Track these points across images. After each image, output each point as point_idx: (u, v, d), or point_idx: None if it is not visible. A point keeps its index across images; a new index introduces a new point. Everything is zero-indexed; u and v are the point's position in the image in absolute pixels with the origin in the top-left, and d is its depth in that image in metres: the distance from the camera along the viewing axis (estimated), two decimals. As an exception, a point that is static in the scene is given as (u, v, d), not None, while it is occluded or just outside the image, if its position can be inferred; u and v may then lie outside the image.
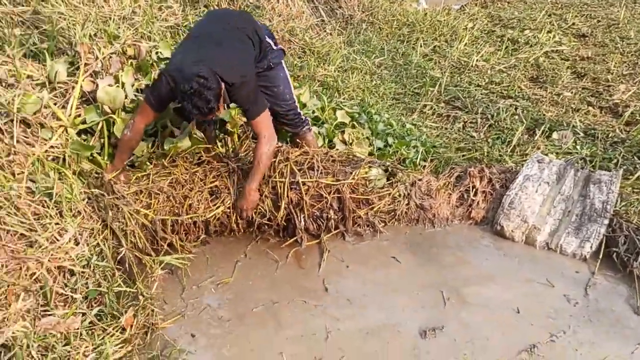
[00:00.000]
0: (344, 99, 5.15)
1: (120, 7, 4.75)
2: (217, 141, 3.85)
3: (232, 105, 3.52)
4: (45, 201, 3.08)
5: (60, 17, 4.23)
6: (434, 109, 5.18)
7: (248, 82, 3.21)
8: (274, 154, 3.50)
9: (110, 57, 3.93)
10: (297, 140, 3.89)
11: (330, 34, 6.67)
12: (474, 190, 3.73)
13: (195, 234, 3.50)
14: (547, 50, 6.34)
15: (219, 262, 3.40)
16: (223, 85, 3.06)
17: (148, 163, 3.62)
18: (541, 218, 3.47)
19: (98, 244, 3.01)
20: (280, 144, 3.67)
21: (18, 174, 3.29)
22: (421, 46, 6.60)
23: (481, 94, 5.40)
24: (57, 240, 2.91)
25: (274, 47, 3.55)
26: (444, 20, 7.53)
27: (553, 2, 8.64)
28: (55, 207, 3.09)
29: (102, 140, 3.77)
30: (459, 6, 8.99)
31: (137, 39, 4.53)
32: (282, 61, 3.66)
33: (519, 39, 6.80)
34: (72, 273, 2.79)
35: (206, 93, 2.94)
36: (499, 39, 6.97)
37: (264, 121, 3.34)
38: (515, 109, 5.06)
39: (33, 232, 2.89)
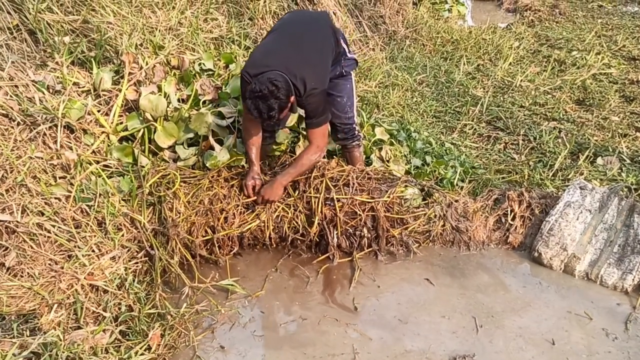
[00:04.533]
0: (383, 115, 5.11)
1: (167, 18, 4.84)
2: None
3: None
4: (86, 210, 3.13)
5: (108, 26, 4.34)
6: (475, 129, 5.10)
7: (320, 92, 3.22)
8: (313, 166, 3.50)
9: (154, 66, 4.00)
10: (345, 152, 3.87)
11: (373, 49, 6.65)
12: (512, 214, 3.63)
13: (229, 247, 3.50)
14: (594, 73, 6.17)
15: (250, 275, 3.40)
16: (293, 97, 3.10)
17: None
18: (581, 247, 3.35)
19: (137, 263, 3.04)
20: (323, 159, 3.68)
21: (60, 178, 3.37)
22: (464, 64, 6.51)
23: (524, 115, 5.28)
24: (94, 252, 2.96)
25: (348, 55, 3.56)
26: (489, 38, 7.43)
27: (603, 24, 8.44)
28: (95, 216, 3.14)
29: (142, 146, 3.84)
30: (505, 24, 8.87)
31: (182, 50, 4.61)
32: (352, 72, 3.66)
33: (566, 60, 6.65)
34: (105, 291, 2.83)
35: (272, 101, 2.98)
36: (545, 60, 6.83)
37: (322, 132, 3.35)
38: (559, 131, 4.93)
39: (72, 242, 2.95)
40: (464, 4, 9.51)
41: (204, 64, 4.45)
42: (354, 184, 3.55)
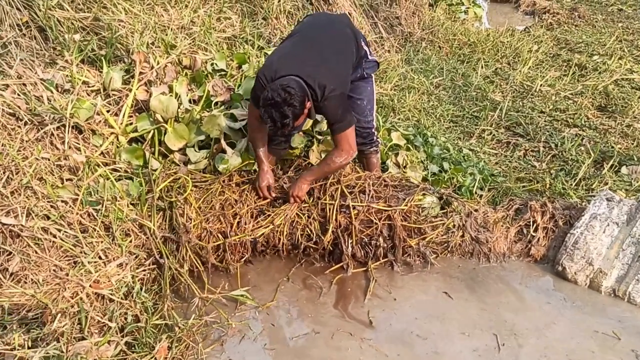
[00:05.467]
0: (399, 119, 4.98)
1: (180, 17, 4.73)
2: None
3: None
4: (93, 214, 3.03)
5: (119, 24, 4.24)
6: (494, 135, 4.95)
7: (339, 96, 3.10)
8: (340, 169, 3.40)
9: (166, 66, 3.89)
10: (361, 157, 3.74)
11: (389, 50, 6.52)
12: (535, 225, 3.49)
13: (240, 253, 3.38)
14: (617, 78, 5.99)
15: (261, 284, 3.27)
16: (310, 103, 2.98)
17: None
18: (608, 261, 3.20)
19: (145, 270, 2.93)
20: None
21: (67, 180, 3.27)
22: (482, 67, 6.36)
23: (544, 121, 5.12)
24: (101, 258, 2.85)
25: (369, 57, 3.44)
26: (507, 41, 7.27)
27: (624, 27, 8.25)
28: (103, 221, 3.03)
29: (152, 148, 3.73)
30: (523, 27, 8.70)
31: (194, 49, 4.50)
32: (373, 74, 3.54)
33: (587, 65, 6.47)
34: (111, 300, 2.71)
35: (285, 109, 2.87)
36: (565, 64, 6.65)
37: (346, 137, 3.21)
38: (582, 139, 4.77)
39: (78, 247, 2.84)
40: (480, 6, 9.34)
41: (216, 64, 4.34)
42: (370, 191, 3.42)
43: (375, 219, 3.35)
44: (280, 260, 3.47)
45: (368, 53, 3.44)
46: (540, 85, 5.80)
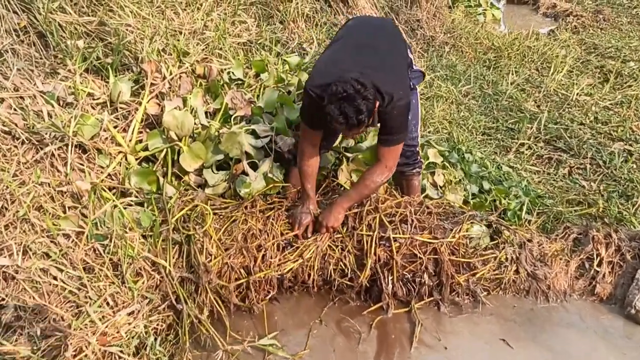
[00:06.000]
0: (428, 132, 4.57)
1: (192, 20, 4.33)
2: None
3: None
4: (99, 250, 2.62)
5: (127, 29, 3.84)
6: (533, 149, 4.54)
7: (405, 105, 2.72)
8: (377, 189, 3.02)
9: (180, 77, 3.49)
10: (401, 180, 3.34)
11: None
12: (599, 259, 3.08)
13: (265, 290, 2.98)
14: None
15: (290, 328, 2.87)
16: (378, 103, 2.57)
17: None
18: (688, 303, 2.80)
19: (159, 316, 2.52)
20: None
21: (69, 208, 2.87)
22: (511, 74, 5.95)
23: (586, 133, 4.72)
24: (108, 304, 2.44)
25: (414, 67, 3.05)
26: (534, 46, 6.86)
27: (652, 30, 7.85)
28: (111, 258, 2.63)
29: (164, 168, 3.33)
30: (546, 30, 8.30)
31: (208, 56, 4.10)
32: (417, 86, 3.14)
33: (622, 71, 6.06)
34: (120, 358, 2.31)
35: (359, 102, 2.44)
36: (598, 70, 6.25)
37: (396, 152, 2.85)
38: (630, 154, 4.37)
39: (82, 291, 2.43)
40: (498, 8, 8.95)
41: (233, 72, 3.94)
42: (412, 220, 3.01)
43: (419, 252, 2.95)
44: (310, 298, 3.08)
45: (413, 62, 3.05)
46: (577, 94, 5.39)
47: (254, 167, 3.27)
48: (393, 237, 2.94)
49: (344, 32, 3.02)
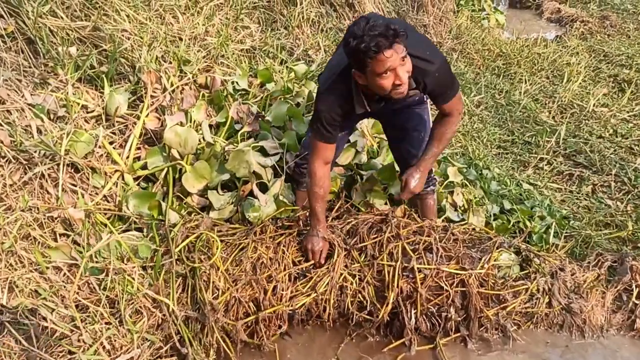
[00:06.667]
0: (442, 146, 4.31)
1: (192, 26, 4.06)
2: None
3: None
4: (93, 285, 2.35)
5: (123, 35, 3.57)
6: (552, 165, 4.30)
7: (442, 62, 2.44)
8: None
9: (182, 89, 3.22)
10: (415, 200, 3.09)
11: (417, 63, 5.86)
12: (638, 290, 2.85)
13: (276, 325, 2.71)
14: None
15: (304, 368, 2.62)
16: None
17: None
18: None
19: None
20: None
21: (61, 236, 2.59)
22: (525, 83, 5.72)
23: (607, 148, 4.49)
24: (104, 347, 2.17)
25: None
26: (543, 53, 6.64)
27: (661, 38, 7.66)
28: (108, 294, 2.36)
29: (164, 188, 3.07)
30: (552, 36, 8.09)
31: (209, 64, 3.83)
32: (427, 98, 2.88)
33: (638, 81, 5.84)
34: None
35: (382, 20, 2.12)
36: (611, 79, 6.03)
37: (459, 99, 2.60)
38: (655, 171, 4.15)
39: (75, 334, 2.16)
40: (502, 13, 8.74)
41: (237, 82, 3.67)
42: (437, 248, 2.76)
43: (445, 284, 2.70)
44: (324, 333, 2.81)
45: None
46: (594, 105, 5.17)
47: (263, 188, 3.01)
48: (418, 268, 2.68)
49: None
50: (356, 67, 2.27)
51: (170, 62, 3.56)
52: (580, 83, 5.74)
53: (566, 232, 3.38)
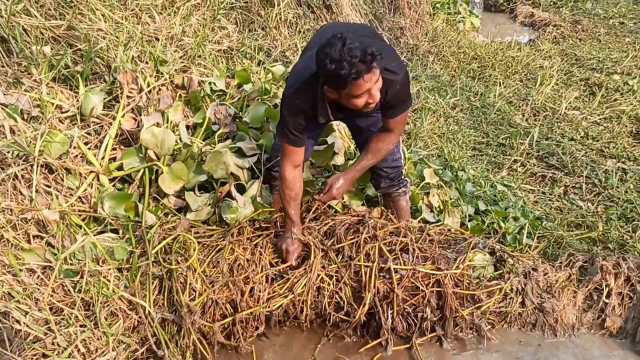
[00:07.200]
0: (418, 147, 4.37)
1: (169, 26, 4.04)
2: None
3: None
4: (68, 287, 2.32)
5: (99, 34, 3.53)
6: (526, 166, 4.38)
7: (404, 74, 2.46)
8: None
9: (159, 90, 3.20)
10: (387, 202, 3.12)
11: (394, 65, 5.90)
12: (607, 290, 2.91)
13: (253, 326, 2.71)
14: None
15: (281, 369, 2.62)
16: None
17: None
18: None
19: None
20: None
21: (35, 237, 2.56)
22: (499, 86, 5.80)
23: (578, 150, 4.58)
24: (79, 350, 2.15)
25: None
26: (517, 56, 6.75)
27: (630, 43, 7.83)
28: (82, 297, 2.33)
29: (140, 189, 3.05)
30: (525, 39, 8.23)
31: (186, 64, 3.81)
32: None
33: (608, 84, 5.96)
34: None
35: (358, 43, 2.11)
36: (583, 83, 6.15)
37: (404, 119, 2.67)
38: (625, 172, 4.25)
39: (49, 337, 2.14)
40: (478, 16, 8.85)
41: (214, 83, 3.66)
42: (414, 249, 2.79)
43: (421, 285, 2.73)
44: (301, 333, 2.83)
45: None
46: (566, 108, 5.27)
47: (241, 189, 3.01)
48: (394, 268, 2.71)
49: (317, 36, 2.79)
50: (331, 87, 2.28)
51: (147, 62, 3.53)
52: (552, 86, 5.84)
53: (539, 233, 3.44)
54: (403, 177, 3.10)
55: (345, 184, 2.77)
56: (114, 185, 3.00)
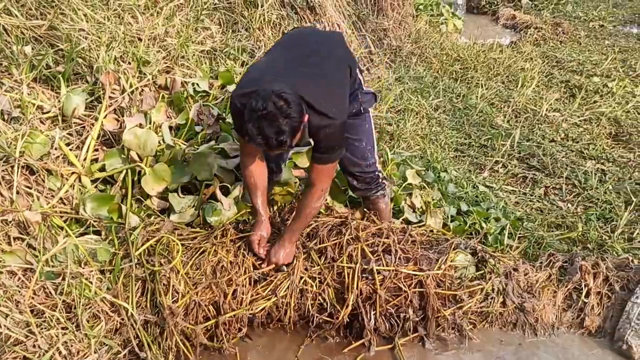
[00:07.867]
0: (401, 148, 4.40)
1: (152, 26, 4.01)
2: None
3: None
4: (50, 290, 2.31)
5: (80, 34, 3.50)
6: (507, 168, 4.43)
7: (339, 123, 2.45)
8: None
9: (142, 90, 3.19)
10: (367, 204, 3.14)
11: (377, 66, 5.95)
12: (587, 289, 2.96)
13: (236, 328, 2.71)
14: (632, 105, 5.53)
15: (265, 371, 2.63)
16: (306, 117, 2.29)
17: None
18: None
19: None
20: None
21: (15, 239, 2.53)
22: (480, 87, 5.86)
23: (558, 151, 4.64)
24: (60, 352, 2.14)
25: (364, 88, 2.81)
26: (498, 58, 6.82)
27: (610, 45, 7.96)
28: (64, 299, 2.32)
29: (123, 190, 3.03)
30: (507, 41, 8.32)
31: (169, 65, 3.80)
32: (370, 109, 2.91)
33: (588, 86, 6.05)
34: None
35: (281, 121, 2.16)
36: (563, 85, 6.23)
37: (329, 172, 2.63)
38: (604, 173, 4.32)
39: (30, 339, 2.12)
40: (461, 18, 8.92)
41: (198, 84, 3.65)
42: (396, 250, 2.81)
43: (404, 285, 2.75)
44: (285, 335, 2.84)
45: (363, 83, 2.83)
46: (546, 109, 5.34)
47: (224, 191, 3.01)
48: (377, 270, 2.73)
49: (282, 40, 2.79)
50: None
51: (129, 63, 3.52)
52: (533, 88, 5.92)
53: (520, 234, 3.49)
54: (380, 180, 3.11)
55: (284, 248, 2.73)
56: (96, 187, 2.98)
